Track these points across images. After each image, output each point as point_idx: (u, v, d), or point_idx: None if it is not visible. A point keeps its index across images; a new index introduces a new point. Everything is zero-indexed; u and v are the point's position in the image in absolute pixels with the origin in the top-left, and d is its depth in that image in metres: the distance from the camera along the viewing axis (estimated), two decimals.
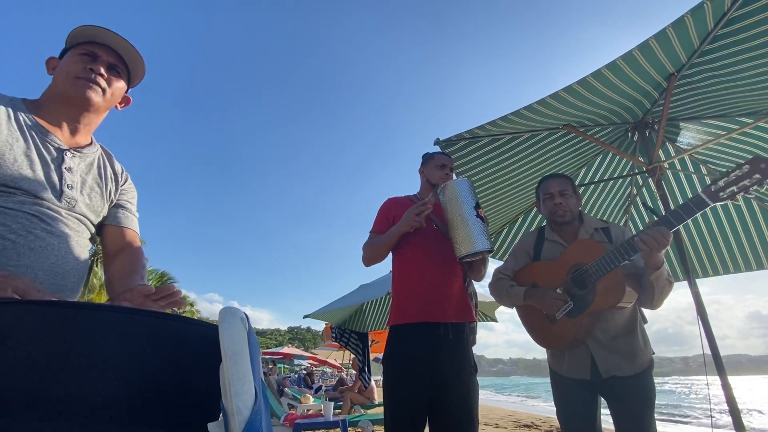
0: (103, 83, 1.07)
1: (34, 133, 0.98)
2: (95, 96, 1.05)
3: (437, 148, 2.40)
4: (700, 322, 1.98)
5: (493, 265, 2.36)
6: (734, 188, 1.41)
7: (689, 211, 1.46)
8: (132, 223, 1.18)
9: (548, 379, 1.88)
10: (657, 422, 1.62)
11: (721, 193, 1.43)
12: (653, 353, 1.71)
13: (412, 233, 1.76)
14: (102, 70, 1.06)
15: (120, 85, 1.12)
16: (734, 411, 1.84)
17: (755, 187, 1.39)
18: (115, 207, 1.16)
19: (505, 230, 3.39)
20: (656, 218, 1.53)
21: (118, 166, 1.19)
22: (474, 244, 1.61)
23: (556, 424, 1.79)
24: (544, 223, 2.01)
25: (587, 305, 1.62)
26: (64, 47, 1.09)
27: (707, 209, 2.87)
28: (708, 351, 1.94)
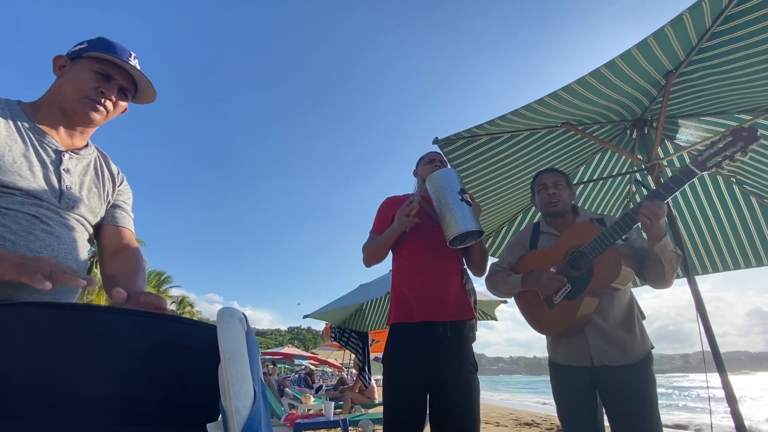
0: (110, 106, 1.09)
1: (31, 135, 0.98)
2: (98, 117, 1.07)
3: (436, 148, 2.40)
4: (699, 320, 1.98)
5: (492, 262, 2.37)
6: (719, 158, 1.47)
7: (679, 182, 1.51)
8: (129, 222, 1.19)
9: (546, 378, 1.88)
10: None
11: (708, 163, 1.48)
12: (652, 347, 1.71)
13: (411, 232, 1.76)
14: (113, 96, 1.08)
15: (123, 104, 1.14)
16: (734, 408, 1.84)
17: (738, 155, 1.45)
18: (112, 207, 1.16)
19: (505, 228, 3.40)
20: (645, 190, 1.57)
21: (114, 168, 1.19)
22: (459, 226, 1.59)
23: (557, 421, 1.79)
24: (539, 218, 2.02)
25: (585, 285, 1.63)
26: (78, 49, 1.06)
27: (707, 208, 2.89)
28: (708, 348, 1.94)
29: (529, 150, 2.59)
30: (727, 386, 1.85)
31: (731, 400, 1.83)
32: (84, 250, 1.04)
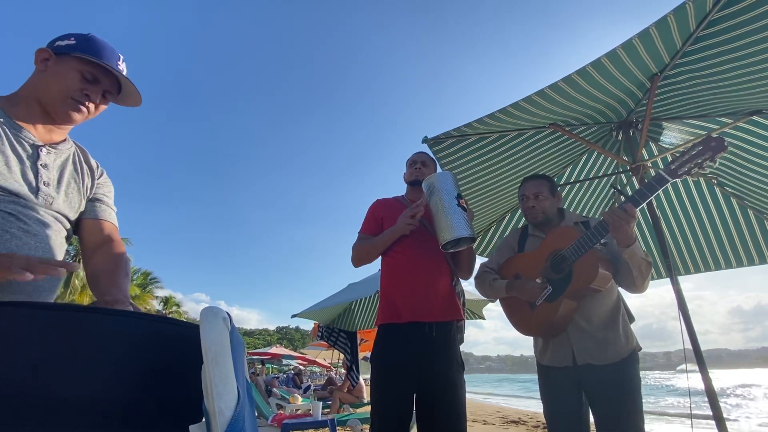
0: (92, 108, 1.07)
1: (6, 129, 0.95)
2: (79, 117, 1.06)
3: (426, 147, 2.41)
4: (681, 318, 2.02)
5: (480, 262, 2.38)
6: (689, 165, 1.52)
7: (651, 188, 1.56)
8: (110, 216, 1.16)
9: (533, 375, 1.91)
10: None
11: (679, 171, 1.53)
12: (640, 349, 1.73)
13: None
14: (97, 98, 1.06)
15: (104, 106, 1.12)
16: (714, 403, 1.88)
17: (708, 162, 1.50)
18: (92, 201, 1.13)
19: (493, 228, 3.42)
20: (623, 198, 1.62)
21: (93, 162, 1.16)
22: (454, 231, 1.62)
23: (543, 419, 1.81)
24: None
25: (565, 288, 1.68)
26: (65, 45, 1.03)
27: (690, 209, 2.95)
28: (689, 346, 1.99)
29: (517, 150, 2.61)
30: (707, 382, 1.89)
31: (711, 395, 1.87)
32: (62, 248, 1.01)
